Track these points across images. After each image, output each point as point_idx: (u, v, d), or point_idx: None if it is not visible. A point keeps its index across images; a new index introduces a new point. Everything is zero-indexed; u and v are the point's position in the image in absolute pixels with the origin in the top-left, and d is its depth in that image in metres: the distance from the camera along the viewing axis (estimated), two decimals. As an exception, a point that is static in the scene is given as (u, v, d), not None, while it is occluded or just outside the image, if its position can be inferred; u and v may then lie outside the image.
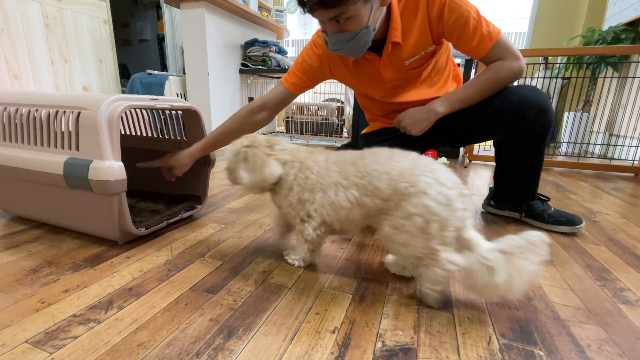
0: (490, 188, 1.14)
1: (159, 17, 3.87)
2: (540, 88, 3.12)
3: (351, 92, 2.97)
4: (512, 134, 0.92)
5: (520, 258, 0.52)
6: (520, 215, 1.06)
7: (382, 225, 0.61)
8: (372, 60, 0.90)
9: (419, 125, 0.89)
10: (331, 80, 1.10)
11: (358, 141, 2.53)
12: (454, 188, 0.56)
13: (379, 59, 0.89)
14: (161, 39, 3.90)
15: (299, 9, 0.75)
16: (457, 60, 2.20)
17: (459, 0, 0.81)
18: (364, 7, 0.72)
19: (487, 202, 1.14)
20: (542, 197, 1.04)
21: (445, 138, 1.04)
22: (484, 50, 0.84)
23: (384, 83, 0.95)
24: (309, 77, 0.99)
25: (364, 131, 1.19)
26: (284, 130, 3.05)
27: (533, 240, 0.52)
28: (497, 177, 1.06)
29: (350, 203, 0.62)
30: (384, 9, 0.80)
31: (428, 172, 0.57)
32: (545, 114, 0.87)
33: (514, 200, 1.06)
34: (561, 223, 0.97)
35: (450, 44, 0.95)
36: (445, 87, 0.99)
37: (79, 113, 0.73)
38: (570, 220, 0.97)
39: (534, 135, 0.90)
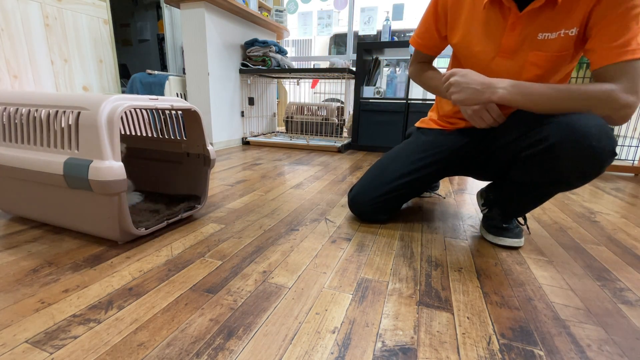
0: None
1: (159, 17, 3.87)
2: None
3: (351, 92, 2.98)
4: (534, 159, 0.73)
5: None
6: (483, 209, 0.99)
7: None
8: (507, 11, 0.73)
9: (464, 93, 0.73)
10: (331, 80, 1.07)
11: (358, 140, 2.53)
12: None
13: (516, 14, 0.72)
14: (161, 39, 3.90)
15: None
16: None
17: None
18: None
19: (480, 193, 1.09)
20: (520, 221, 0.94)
21: (480, 166, 0.94)
22: (614, 59, 0.63)
23: (493, 51, 0.78)
24: (430, 35, 0.91)
25: (417, 124, 1.09)
26: (284, 130, 3.06)
27: None
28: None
29: None
30: None
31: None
32: (590, 164, 0.64)
33: (493, 203, 0.94)
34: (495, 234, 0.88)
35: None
36: None
37: (79, 113, 0.73)
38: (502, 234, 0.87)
39: (556, 175, 0.70)
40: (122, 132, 1.16)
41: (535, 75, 0.76)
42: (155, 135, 1.12)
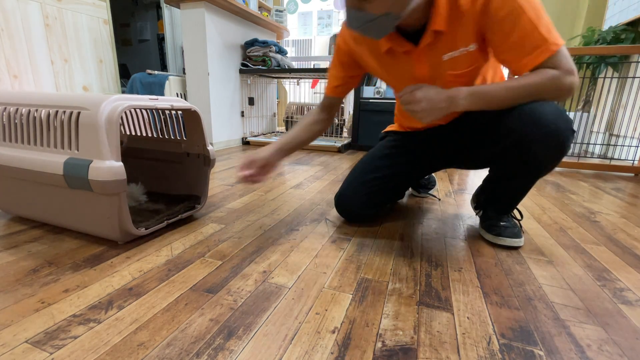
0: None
1: (159, 17, 3.88)
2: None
3: (351, 92, 2.98)
4: (506, 153, 0.79)
5: None
6: (477, 212, 1.02)
7: None
8: (408, 51, 0.79)
9: (433, 115, 0.73)
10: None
11: (358, 140, 2.52)
12: None
13: (415, 50, 0.77)
14: (161, 39, 3.91)
15: None
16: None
17: None
18: None
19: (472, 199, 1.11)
20: (515, 216, 0.95)
21: (456, 158, 1.00)
22: (533, 63, 0.68)
23: (412, 80, 0.84)
24: (343, 80, 0.96)
25: (386, 129, 1.15)
26: (284, 130, 3.05)
27: None
28: (485, 179, 0.99)
29: None
30: None
31: None
32: (553, 145, 0.71)
33: (485, 203, 0.97)
34: (497, 234, 0.89)
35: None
36: None
37: (79, 113, 0.73)
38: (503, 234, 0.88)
39: (527, 163, 0.77)
40: (122, 132, 1.16)
41: (453, 78, 0.81)
42: (155, 135, 1.12)
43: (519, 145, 0.75)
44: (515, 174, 0.82)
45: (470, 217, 1.09)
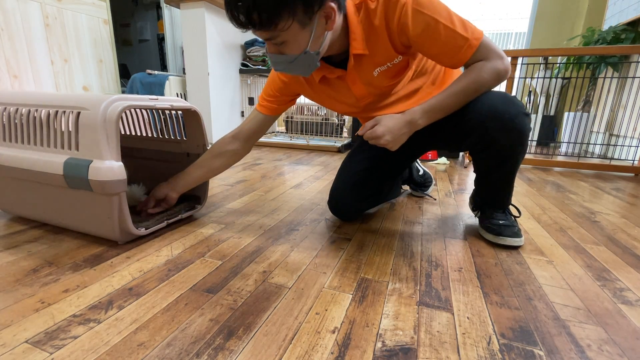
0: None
1: (159, 17, 3.88)
2: (537, 90, 3.04)
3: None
4: (475, 147, 0.83)
5: None
6: (475, 214, 1.02)
7: None
8: (340, 76, 0.85)
9: (399, 142, 0.79)
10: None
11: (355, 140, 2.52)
12: None
13: (346, 74, 0.83)
14: (161, 39, 3.91)
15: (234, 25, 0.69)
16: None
17: (425, 6, 0.70)
18: (300, 32, 0.67)
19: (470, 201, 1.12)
20: (513, 213, 0.94)
21: (426, 147, 1.02)
22: (463, 60, 0.74)
23: (356, 101, 0.90)
24: (278, 102, 0.97)
25: (358, 132, 1.18)
26: (284, 130, 3.06)
27: None
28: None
29: None
30: (339, 26, 0.73)
31: None
32: (512, 131, 0.76)
33: (480, 203, 0.99)
34: (495, 233, 0.89)
35: None
36: (437, 87, 0.92)
37: (78, 113, 0.73)
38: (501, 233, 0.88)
39: (496, 152, 0.81)
40: (122, 132, 1.16)
41: (390, 88, 0.86)
42: (155, 136, 1.12)
43: (484, 138, 0.80)
44: (492, 165, 0.85)
45: (470, 217, 1.09)
